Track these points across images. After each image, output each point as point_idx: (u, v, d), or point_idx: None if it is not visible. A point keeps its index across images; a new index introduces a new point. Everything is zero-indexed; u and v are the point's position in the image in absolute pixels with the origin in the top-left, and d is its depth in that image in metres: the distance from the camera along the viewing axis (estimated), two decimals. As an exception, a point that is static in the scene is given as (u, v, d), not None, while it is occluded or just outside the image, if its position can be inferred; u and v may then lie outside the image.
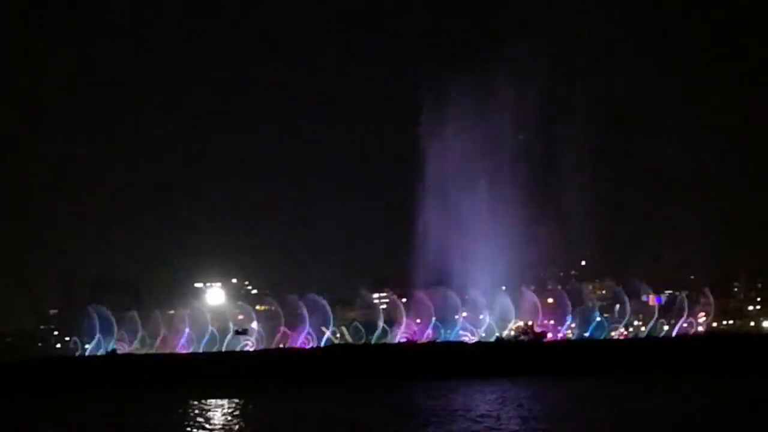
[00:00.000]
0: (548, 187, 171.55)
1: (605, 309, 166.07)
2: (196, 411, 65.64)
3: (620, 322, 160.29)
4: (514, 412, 58.20)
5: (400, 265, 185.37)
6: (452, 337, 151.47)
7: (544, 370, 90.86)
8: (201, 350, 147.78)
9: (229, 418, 61.01)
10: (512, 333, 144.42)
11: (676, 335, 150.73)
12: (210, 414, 63.52)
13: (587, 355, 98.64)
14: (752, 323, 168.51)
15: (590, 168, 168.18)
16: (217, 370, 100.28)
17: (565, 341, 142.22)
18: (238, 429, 55.09)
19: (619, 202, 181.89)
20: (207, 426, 55.86)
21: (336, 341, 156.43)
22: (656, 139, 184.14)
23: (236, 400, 73.37)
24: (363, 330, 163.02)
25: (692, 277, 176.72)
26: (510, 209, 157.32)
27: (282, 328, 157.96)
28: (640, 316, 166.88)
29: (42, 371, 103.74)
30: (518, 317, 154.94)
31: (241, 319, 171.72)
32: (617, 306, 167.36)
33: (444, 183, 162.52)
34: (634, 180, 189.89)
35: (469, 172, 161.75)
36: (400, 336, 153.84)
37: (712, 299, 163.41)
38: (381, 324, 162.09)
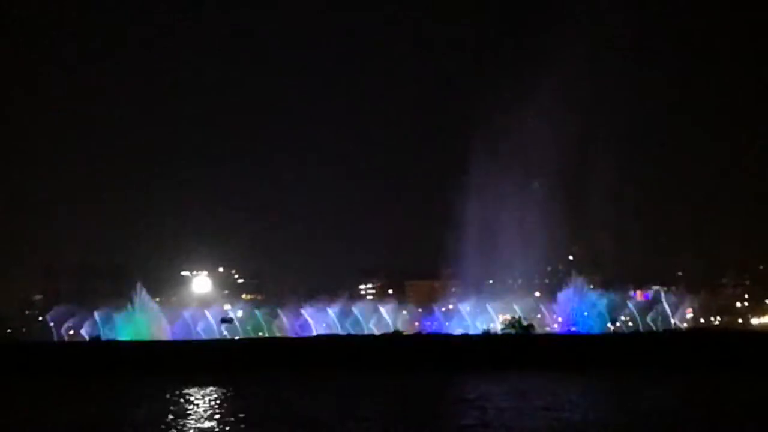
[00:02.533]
0: (537, 182, 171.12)
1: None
2: (181, 399, 64.65)
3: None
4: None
5: (390, 257, 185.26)
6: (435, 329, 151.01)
7: (537, 363, 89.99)
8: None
9: (215, 405, 60.09)
10: (500, 326, 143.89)
11: (664, 330, 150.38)
12: (195, 401, 62.58)
13: (577, 349, 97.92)
14: (740, 320, 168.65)
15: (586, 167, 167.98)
16: (203, 358, 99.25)
17: (554, 335, 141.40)
18: (223, 415, 54.15)
19: (610, 198, 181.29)
20: (192, 413, 54.96)
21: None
22: (658, 140, 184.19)
23: (222, 389, 72.44)
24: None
25: (680, 273, 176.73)
26: (501, 205, 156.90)
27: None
28: (627, 311, 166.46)
29: (23, 356, 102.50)
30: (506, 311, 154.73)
31: (228, 309, 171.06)
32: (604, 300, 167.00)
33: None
34: (625, 177, 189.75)
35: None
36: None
37: (700, 295, 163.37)
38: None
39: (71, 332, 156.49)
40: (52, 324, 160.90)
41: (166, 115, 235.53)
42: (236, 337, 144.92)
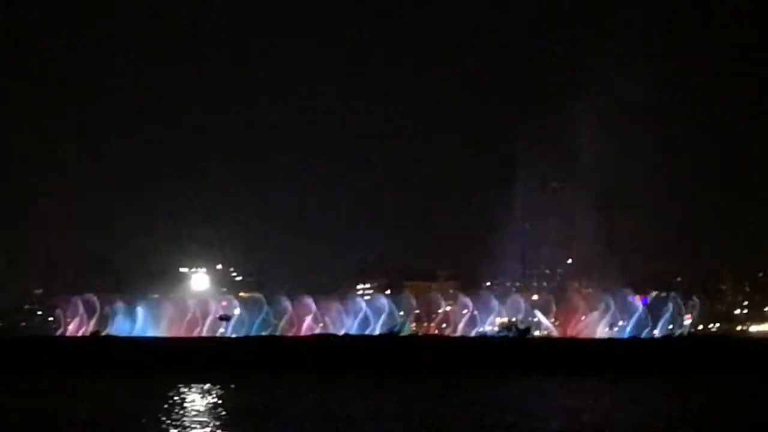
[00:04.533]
0: (539, 185, 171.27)
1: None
2: (179, 396, 64.65)
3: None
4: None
5: (388, 257, 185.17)
6: None
7: (536, 367, 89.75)
8: None
9: (212, 402, 60.17)
10: (495, 329, 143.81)
11: (661, 337, 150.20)
12: (193, 399, 62.64)
13: (574, 353, 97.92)
14: (739, 327, 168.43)
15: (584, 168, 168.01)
16: (201, 356, 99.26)
17: (550, 339, 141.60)
18: (220, 413, 54.24)
19: (609, 202, 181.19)
20: (190, 410, 54.97)
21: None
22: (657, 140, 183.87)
23: (219, 386, 72.46)
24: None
25: (679, 279, 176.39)
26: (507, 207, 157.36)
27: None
28: (625, 316, 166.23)
29: (21, 352, 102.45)
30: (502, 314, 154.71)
31: (225, 306, 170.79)
32: (603, 304, 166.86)
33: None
34: (624, 180, 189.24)
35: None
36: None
37: (698, 302, 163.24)
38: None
39: (72, 326, 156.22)
40: (54, 318, 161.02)
41: (164, 111, 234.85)
42: (234, 335, 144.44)
